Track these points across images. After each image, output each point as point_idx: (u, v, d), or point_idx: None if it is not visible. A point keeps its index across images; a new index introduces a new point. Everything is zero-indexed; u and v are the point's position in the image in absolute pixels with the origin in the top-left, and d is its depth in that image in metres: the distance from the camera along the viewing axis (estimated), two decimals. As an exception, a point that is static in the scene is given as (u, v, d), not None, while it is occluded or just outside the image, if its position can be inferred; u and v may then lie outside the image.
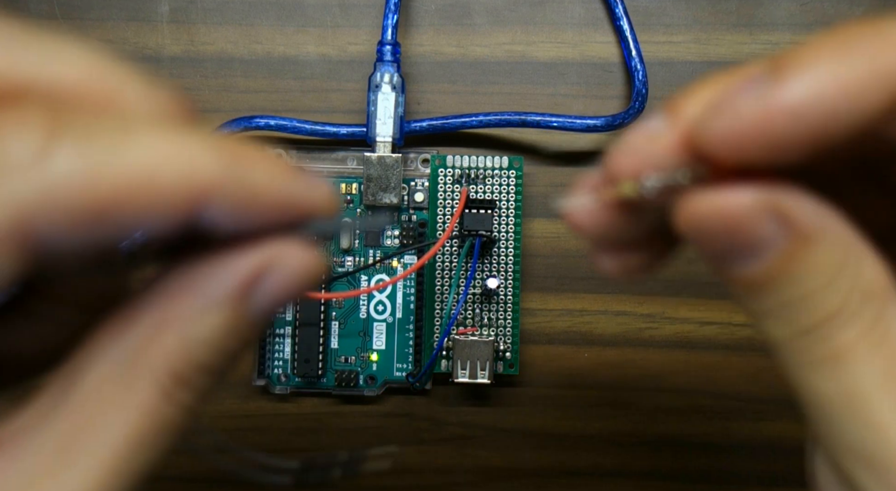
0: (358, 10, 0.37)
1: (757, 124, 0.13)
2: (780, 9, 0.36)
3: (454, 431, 0.36)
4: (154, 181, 0.13)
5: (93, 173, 0.13)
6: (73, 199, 0.12)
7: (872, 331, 0.15)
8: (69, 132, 0.13)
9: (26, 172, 0.12)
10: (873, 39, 0.14)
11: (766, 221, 0.14)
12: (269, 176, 0.14)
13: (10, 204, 0.12)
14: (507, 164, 0.35)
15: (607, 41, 0.36)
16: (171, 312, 0.14)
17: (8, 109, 0.13)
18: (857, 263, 0.15)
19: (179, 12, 0.36)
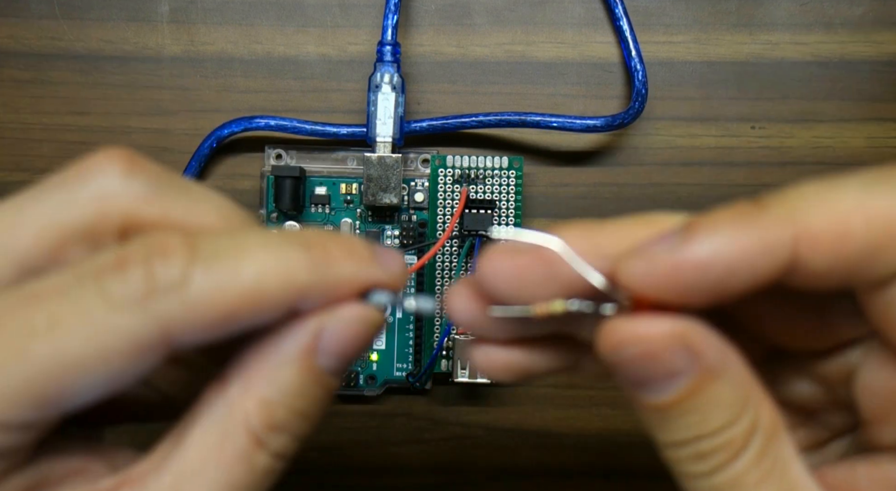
0: (358, 10, 0.37)
1: (667, 272, 0.16)
2: (780, 9, 0.36)
3: (454, 431, 0.36)
4: (262, 292, 0.16)
5: (219, 291, 0.16)
6: (204, 312, 0.16)
7: (763, 463, 0.17)
8: (200, 259, 0.16)
9: (170, 294, 0.16)
10: (766, 216, 0.16)
11: (678, 353, 0.16)
12: (351, 269, 0.17)
13: (158, 321, 0.16)
14: (507, 165, 0.35)
15: (607, 41, 0.36)
16: (254, 371, 0.17)
17: (152, 236, 0.16)
18: (756, 401, 0.17)
19: (179, 12, 0.36)
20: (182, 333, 0.16)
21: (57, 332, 0.15)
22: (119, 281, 0.16)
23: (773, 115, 0.36)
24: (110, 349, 0.15)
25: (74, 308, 0.15)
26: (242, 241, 0.16)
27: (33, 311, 0.15)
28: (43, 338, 0.15)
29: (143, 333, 0.16)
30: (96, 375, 0.16)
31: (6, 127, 0.36)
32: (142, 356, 0.16)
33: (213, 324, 0.16)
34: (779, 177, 0.36)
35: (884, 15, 0.36)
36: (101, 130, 0.36)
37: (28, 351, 0.15)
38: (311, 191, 0.35)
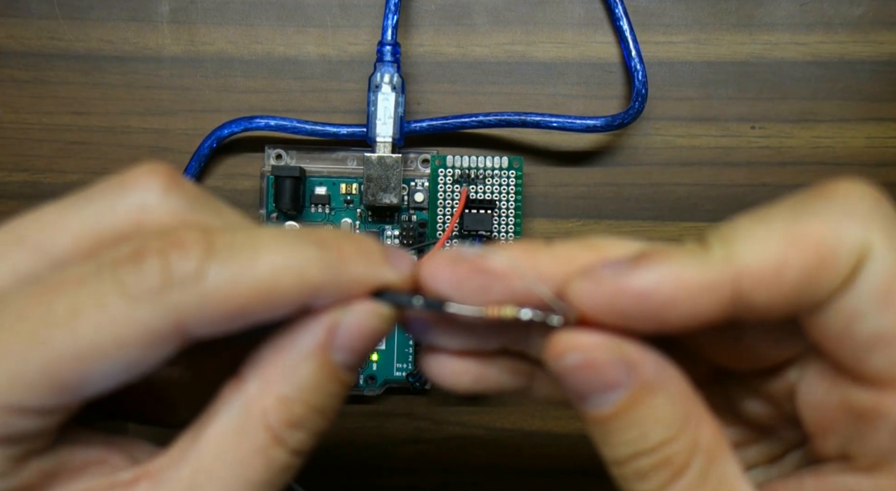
0: (358, 10, 0.37)
1: (610, 295, 0.17)
2: (780, 9, 0.36)
3: (454, 431, 0.36)
4: (276, 287, 0.16)
5: (233, 285, 0.16)
6: (218, 305, 0.16)
7: (707, 484, 0.17)
8: (216, 253, 0.16)
9: (186, 286, 0.16)
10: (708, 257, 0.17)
11: (615, 365, 0.17)
12: (364, 269, 0.18)
13: (173, 311, 0.16)
14: (507, 165, 0.35)
15: (607, 41, 0.36)
16: (271, 368, 0.17)
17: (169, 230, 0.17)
18: (697, 420, 0.17)
19: (179, 12, 0.36)
20: (196, 324, 0.16)
21: (76, 320, 0.16)
22: (136, 273, 0.16)
23: (773, 115, 0.36)
24: (126, 338, 0.16)
25: (93, 298, 0.16)
26: (258, 238, 0.17)
27: (54, 300, 0.16)
28: (62, 326, 0.16)
29: (157, 323, 0.16)
30: (112, 362, 0.16)
31: (6, 127, 0.36)
32: (156, 346, 0.16)
33: (226, 316, 0.16)
34: (779, 177, 0.36)
35: (883, 15, 0.36)
36: (101, 130, 0.36)
37: (47, 338, 0.16)
38: (311, 191, 0.35)
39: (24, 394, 0.16)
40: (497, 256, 0.18)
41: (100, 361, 0.16)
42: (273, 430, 0.17)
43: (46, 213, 0.18)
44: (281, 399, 0.17)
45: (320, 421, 0.18)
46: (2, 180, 0.36)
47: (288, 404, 0.17)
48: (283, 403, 0.17)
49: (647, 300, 0.16)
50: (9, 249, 0.18)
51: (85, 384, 0.16)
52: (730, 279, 0.16)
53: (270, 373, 0.17)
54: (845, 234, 0.16)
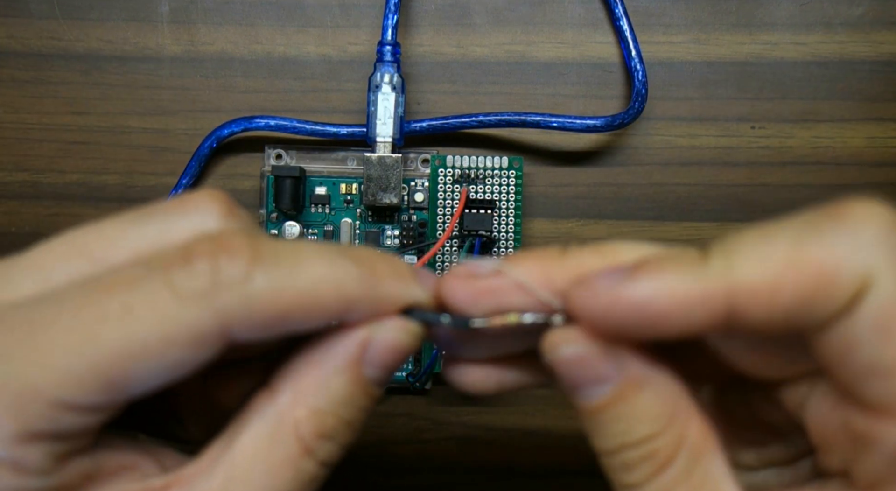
0: (358, 10, 0.37)
1: (607, 304, 0.17)
2: (780, 9, 0.36)
3: (454, 431, 0.36)
4: (316, 297, 0.17)
5: (277, 292, 0.17)
6: (262, 309, 0.17)
7: (692, 480, 0.17)
8: (263, 260, 0.17)
9: (232, 289, 0.16)
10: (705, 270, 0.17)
11: (605, 359, 0.18)
12: (396, 286, 0.18)
13: (219, 312, 0.16)
14: (507, 165, 0.35)
15: (607, 41, 0.36)
16: (305, 380, 0.18)
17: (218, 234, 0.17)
18: (684, 418, 0.18)
19: (179, 12, 0.36)
20: (239, 327, 0.17)
21: (127, 319, 0.16)
22: (186, 274, 0.16)
23: (773, 115, 0.36)
24: (174, 337, 0.16)
25: (144, 297, 0.16)
26: (301, 250, 0.17)
27: (107, 299, 0.16)
28: (114, 324, 0.16)
29: (204, 323, 0.16)
30: (159, 361, 0.16)
31: (6, 127, 0.36)
32: (201, 346, 0.17)
33: (268, 322, 0.17)
34: (779, 177, 0.36)
35: (883, 15, 0.36)
36: (101, 130, 0.36)
37: (99, 336, 0.16)
38: (311, 191, 0.35)
39: (74, 390, 0.16)
40: (509, 270, 0.18)
41: (148, 360, 0.16)
42: (304, 440, 0.18)
43: (108, 227, 0.18)
44: (313, 411, 0.18)
45: (348, 434, 0.19)
46: (2, 180, 0.36)
47: (320, 416, 0.18)
48: (315, 414, 0.18)
49: (641, 311, 0.17)
50: (70, 256, 0.18)
51: (132, 383, 0.16)
52: (724, 293, 0.16)
53: (303, 385, 0.18)
54: (847, 261, 0.16)
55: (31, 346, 0.16)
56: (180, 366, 0.17)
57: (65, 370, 0.16)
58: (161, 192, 0.36)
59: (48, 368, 0.16)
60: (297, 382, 0.18)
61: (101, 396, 0.16)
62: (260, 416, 0.18)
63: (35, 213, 0.36)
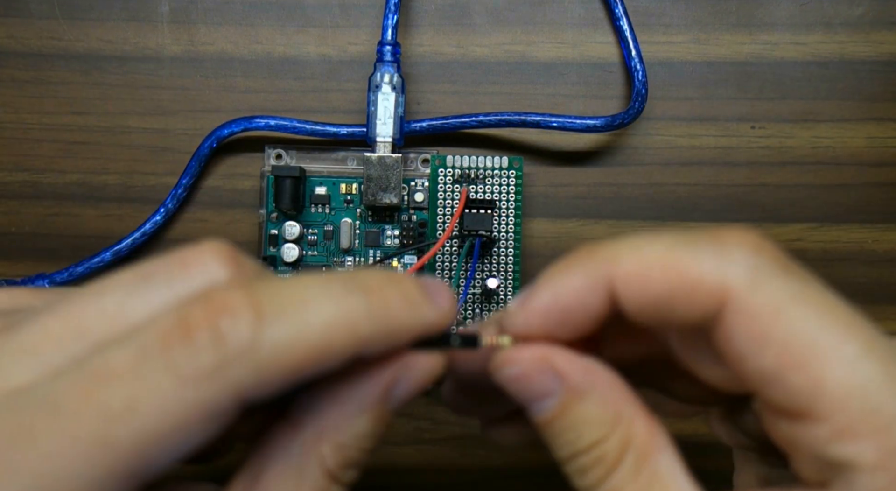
0: (358, 10, 0.37)
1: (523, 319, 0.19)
2: (780, 9, 0.36)
3: (454, 431, 0.36)
4: (329, 345, 0.17)
5: (288, 348, 0.16)
6: (274, 370, 0.16)
7: (640, 478, 0.18)
8: (266, 316, 0.16)
9: (241, 358, 0.16)
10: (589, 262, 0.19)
11: (546, 375, 0.19)
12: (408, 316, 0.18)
13: (231, 387, 0.16)
14: (507, 164, 0.35)
15: (607, 41, 0.36)
16: (328, 418, 0.18)
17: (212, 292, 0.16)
18: (628, 419, 0.19)
19: (179, 12, 0.36)
20: (254, 392, 0.16)
21: (134, 414, 0.15)
22: (187, 353, 0.16)
23: (773, 115, 0.36)
24: (186, 420, 0.16)
25: (147, 388, 0.15)
26: (304, 290, 0.17)
27: (108, 394, 0.15)
28: (121, 421, 0.15)
29: (217, 399, 0.16)
30: (174, 445, 0.16)
31: (6, 127, 0.36)
32: (217, 420, 0.16)
33: (282, 379, 0.16)
34: (778, 177, 0.36)
35: (883, 15, 0.36)
36: (101, 130, 0.36)
37: (110, 436, 0.15)
38: (311, 191, 0.35)
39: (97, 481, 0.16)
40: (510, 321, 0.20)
41: (163, 447, 0.16)
42: (330, 472, 0.18)
43: (107, 300, 0.17)
44: (338, 446, 0.18)
45: (368, 457, 0.19)
46: (2, 180, 0.36)
47: (344, 450, 0.18)
48: (340, 449, 0.18)
49: (549, 312, 0.19)
50: (66, 338, 0.17)
51: (151, 469, 0.16)
52: (604, 279, 0.18)
53: (328, 423, 0.18)
54: (708, 273, 0.18)
55: (36, 456, 0.15)
56: (195, 441, 0.16)
57: (83, 479, 0.15)
58: (161, 192, 0.36)
59: (65, 480, 0.15)
60: (322, 420, 0.18)
61: (123, 488, 0.16)
62: (285, 450, 0.18)
63: (35, 213, 0.36)
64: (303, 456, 0.18)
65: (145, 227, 0.35)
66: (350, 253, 0.35)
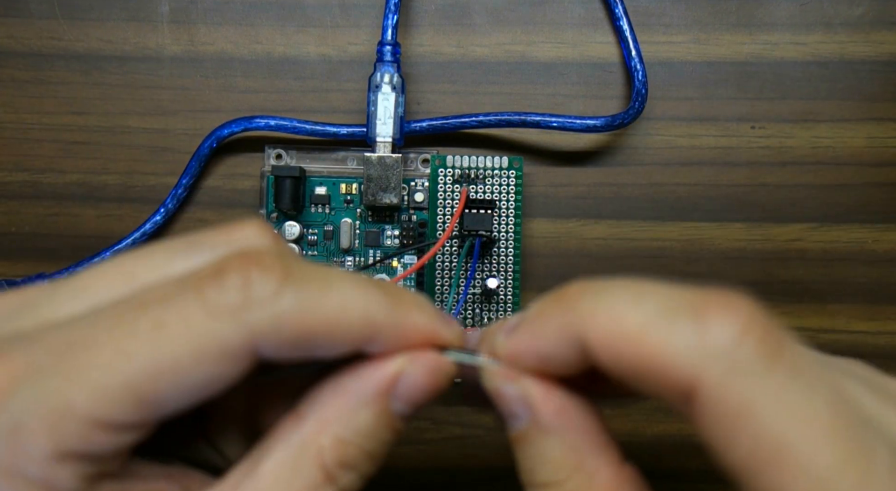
0: (358, 10, 0.37)
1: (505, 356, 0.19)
2: (780, 9, 0.36)
3: (454, 431, 0.36)
4: (344, 320, 0.17)
5: (306, 311, 0.17)
6: (290, 328, 0.17)
7: None
8: (293, 280, 0.17)
9: (263, 306, 0.17)
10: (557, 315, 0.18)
11: (516, 400, 0.19)
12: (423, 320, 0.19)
13: (248, 330, 0.17)
14: (507, 164, 0.35)
15: (607, 41, 0.36)
16: (331, 409, 0.18)
17: (250, 249, 0.18)
18: (591, 470, 0.18)
19: (179, 12, 0.36)
20: (267, 344, 0.17)
21: (158, 335, 0.16)
22: (217, 289, 0.17)
23: (773, 115, 0.36)
24: (204, 353, 0.16)
25: (176, 313, 0.17)
26: (329, 273, 0.18)
27: (140, 316, 0.17)
28: (145, 340, 0.16)
29: (233, 339, 0.17)
30: (190, 377, 0.17)
31: (6, 127, 0.36)
32: (230, 362, 0.17)
33: (295, 341, 0.17)
34: (779, 177, 0.36)
35: (883, 15, 0.36)
36: (101, 130, 0.36)
37: (132, 352, 0.16)
38: (311, 191, 0.35)
39: (107, 407, 0.16)
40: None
41: (179, 375, 0.16)
42: (326, 468, 0.18)
43: (158, 254, 0.19)
44: (338, 441, 0.18)
45: (370, 466, 0.19)
46: (2, 180, 0.36)
47: (343, 446, 0.18)
48: (339, 443, 0.18)
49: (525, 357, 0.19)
50: (116, 280, 0.18)
51: (164, 400, 0.17)
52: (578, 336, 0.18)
53: (329, 413, 0.18)
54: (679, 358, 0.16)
55: (66, 364, 0.16)
56: (210, 382, 0.17)
57: (98, 387, 0.16)
58: (161, 192, 0.36)
59: (82, 386, 0.16)
60: (323, 410, 0.18)
61: (134, 414, 0.16)
62: (284, 442, 0.18)
63: (35, 213, 0.36)
64: (302, 447, 0.18)
65: (145, 227, 0.35)
66: (350, 253, 0.35)
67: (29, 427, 0.16)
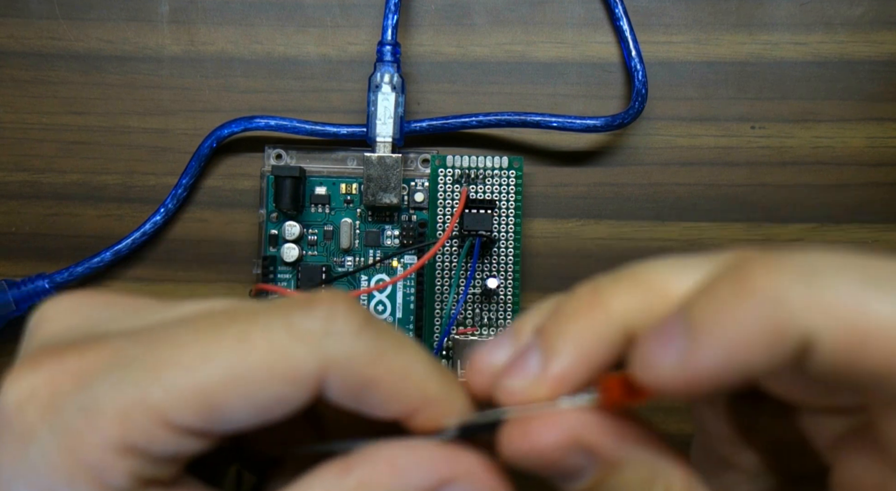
0: (358, 10, 0.37)
1: (679, 376, 0.15)
2: (780, 9, 0.36)
3: (454, 430, 0.36)
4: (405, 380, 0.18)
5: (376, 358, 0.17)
6: (358, 370, 0.17)
7: None
8: (373, 327, 0.17)
9: (341, 340, 0.17)
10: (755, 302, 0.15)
11: (576, 455, 0.17)
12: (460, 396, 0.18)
13: (322, 357, 0.17)
14: (507, 164, 0.35)
15: (607, 41, 0.36)
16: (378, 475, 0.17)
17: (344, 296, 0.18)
18: (665, 474, 0.17)
19: (179, 12, 0.36)
20: (333, 380, 0.17)
21: (241, 345, 0.17)
22: (304, 315, 0.17)
23: (773, 115, 0.36)
24: (278, 371, 0.17)
25: (261, 328, 0.17)
26: (405, 337, 0.18)
27: (228, 326, 0.17)
28: (227, 349, 0.17)
29: (308, 364, 0.17)
30: (259, 393, 0.17)
31: (6, 127, 0.36)
32: (298, 387, 0.17)
33: (357, 386, 0.17)
34: (779, 177, 0.36)
35: (883, 15, 0.36)
36: (101, 130, 0.36)
37: (211, 358, 0.17)
38: (311, 191, 0.35)
39: (178, 408, 0.16)
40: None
41: (251, 389, 0.17)
42: None
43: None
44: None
45: None
46: (2, 180, 0.36)
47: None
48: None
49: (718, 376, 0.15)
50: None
51: (231, 412, 0.17)
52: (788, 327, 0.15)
53: (376, 478, 0.18)
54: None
55: (150, 358, 0.17)
56: (276, 404, 0.17)
57: (174, 386, 0.16)
58: (161, 192, 0.36)
59: (160, 382, 0.16)
60: (371, 473, 0.18)
61: (201, 420, 0.17)
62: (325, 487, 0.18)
63: (35, 213, 0.36)
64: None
65: (145, 227, 0.35)
66: (350, 253, 0.35)
67: (103, 411, 0.16)
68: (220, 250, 0.36)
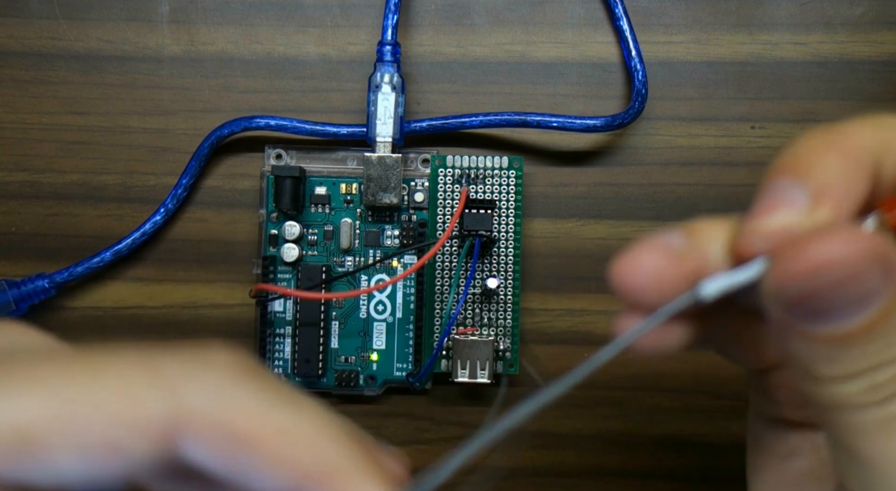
0: (358, 10, 0.37)
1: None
2: (780, 9, 0.36)
3: (454, 431, 0.36)
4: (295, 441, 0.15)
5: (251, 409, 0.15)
6: (228, 423, 0.15)
7: None
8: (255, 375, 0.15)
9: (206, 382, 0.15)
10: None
11: (873, 272, 0.14)
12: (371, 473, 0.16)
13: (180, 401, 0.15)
14: (507, 164, 0.35)
15: (607, 41, 0.36)
16: None
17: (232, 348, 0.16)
18: None
19: (179, 12, 0.36)
20: (194, 434, 0.15)
21: (86, 380, 0.15)
22: (172, 359, 0.15)
23: (773, 115, 0.36)
24: (117, 415, 0.15)
25: (119, 368, 0.15)
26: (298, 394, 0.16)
27: (83, 361, 0.15)
28: (67, 380, 0.15)
29: (155, 410, 0.15)
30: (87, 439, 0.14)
31: (6, 127, 0.36)
32: (139, 438, 0.15)
33: (227, 443, 0.15)
34: (779, 177, 0.36)
35: (883, 15, 0.36)
36: (101, 130, 0.36)
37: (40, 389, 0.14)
38: (311, 191, 0.35)
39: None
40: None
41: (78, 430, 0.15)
42: None
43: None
44: None
45: None
46: (2, 180, 0.36)
47: None
48: None
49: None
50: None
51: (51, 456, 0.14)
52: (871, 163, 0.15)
53: None
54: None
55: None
56: (110, 454, 0.15)
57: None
58: (161, 192, 0.36)
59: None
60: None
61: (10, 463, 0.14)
62: None
63: (35, 213, 0.36)
64: None
65: (145, 227, 0.35)
66: (350, 253, 0.35)
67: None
68: (220, 250, 0.36)
